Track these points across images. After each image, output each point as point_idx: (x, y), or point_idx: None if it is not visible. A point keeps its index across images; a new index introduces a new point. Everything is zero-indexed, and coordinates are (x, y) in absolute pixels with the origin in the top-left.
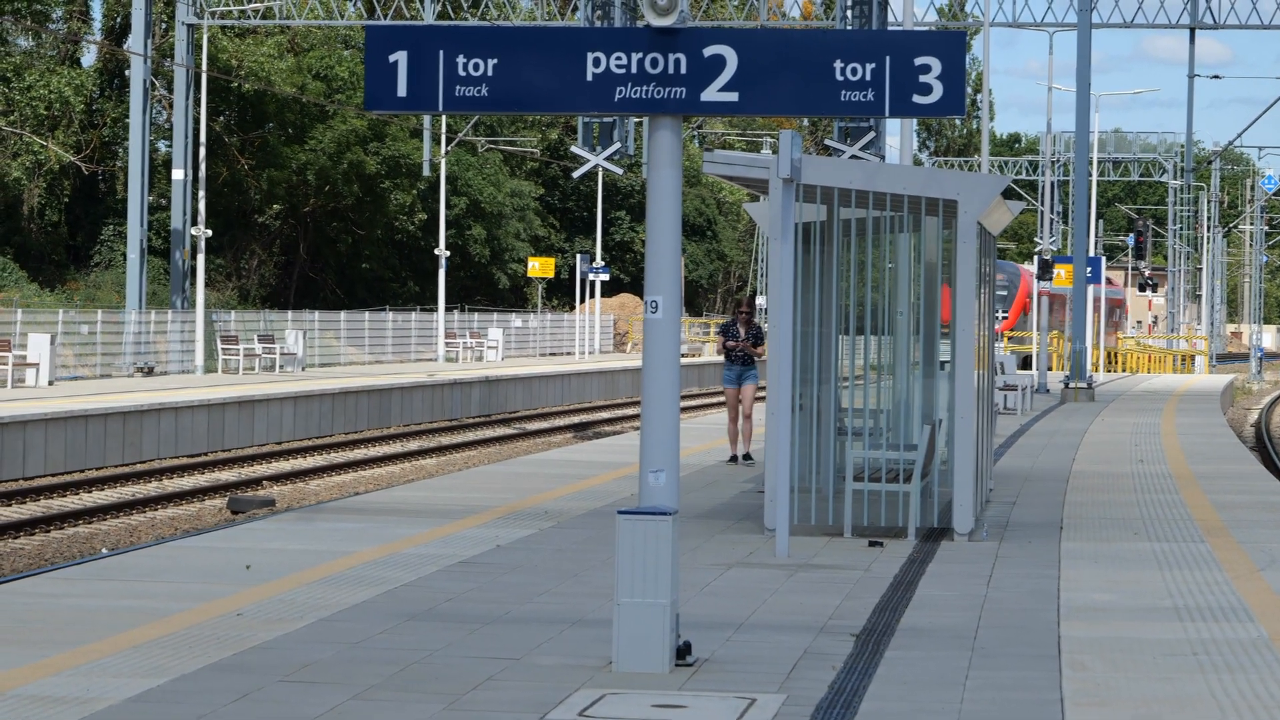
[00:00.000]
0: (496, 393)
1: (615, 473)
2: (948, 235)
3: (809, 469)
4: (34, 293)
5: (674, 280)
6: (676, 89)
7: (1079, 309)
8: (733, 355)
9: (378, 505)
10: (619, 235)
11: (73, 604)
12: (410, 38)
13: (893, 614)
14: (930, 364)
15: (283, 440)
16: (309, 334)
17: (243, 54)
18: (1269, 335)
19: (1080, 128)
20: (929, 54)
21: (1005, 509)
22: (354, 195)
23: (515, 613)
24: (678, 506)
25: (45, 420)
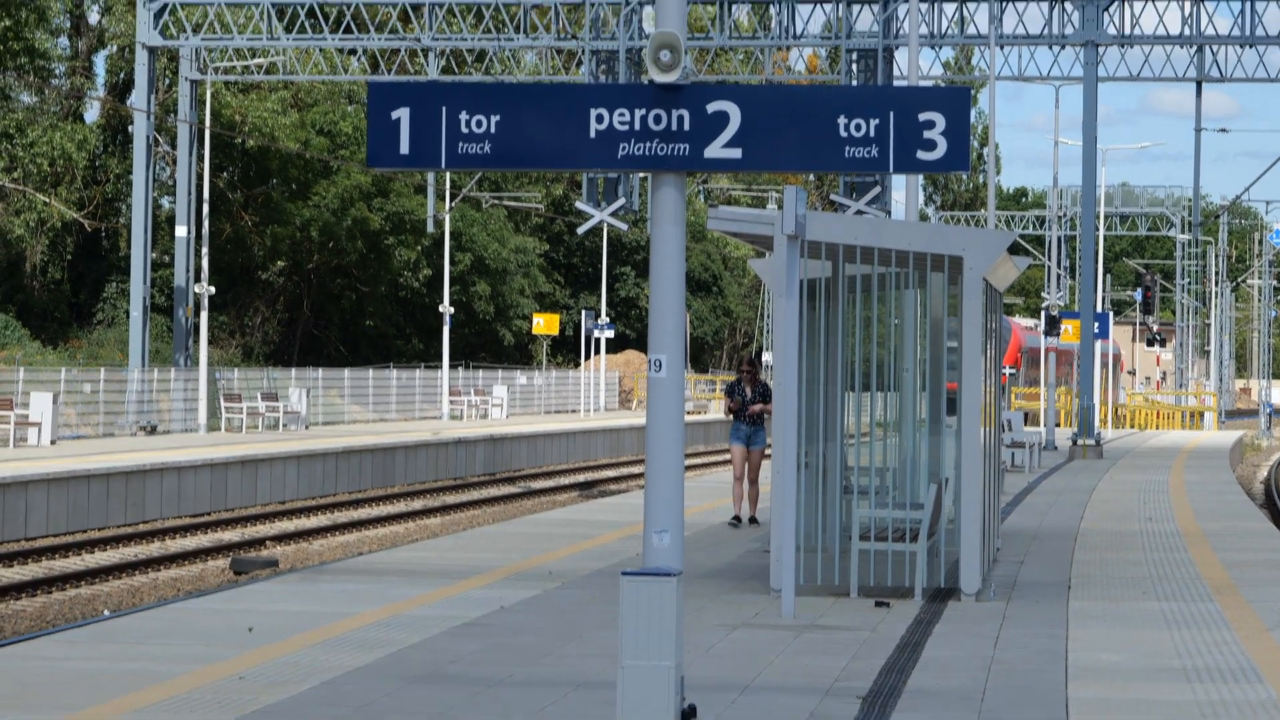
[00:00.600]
0: (501, 451)
1: (620, 532)
2: (954, 291)
3: (815, 528)
4: (36, 350)
5: (678, 338)
6: (680, 145)
7: (1086, 365)
8: (740, 415)
9: (382, 566)
10: (624, 291)
11: (75, 667)
12: (413, 94)
13: (899, 676)
14: (936, 421)
15: (286, 500)
16: (313, 392)
17: (246, 110)
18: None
19: (1087, 182)
20: (933, 110)
21: (1013, 568)
22: (358, 251)
23: (520, 675)
24: (682, 567)
25: (47, 480)
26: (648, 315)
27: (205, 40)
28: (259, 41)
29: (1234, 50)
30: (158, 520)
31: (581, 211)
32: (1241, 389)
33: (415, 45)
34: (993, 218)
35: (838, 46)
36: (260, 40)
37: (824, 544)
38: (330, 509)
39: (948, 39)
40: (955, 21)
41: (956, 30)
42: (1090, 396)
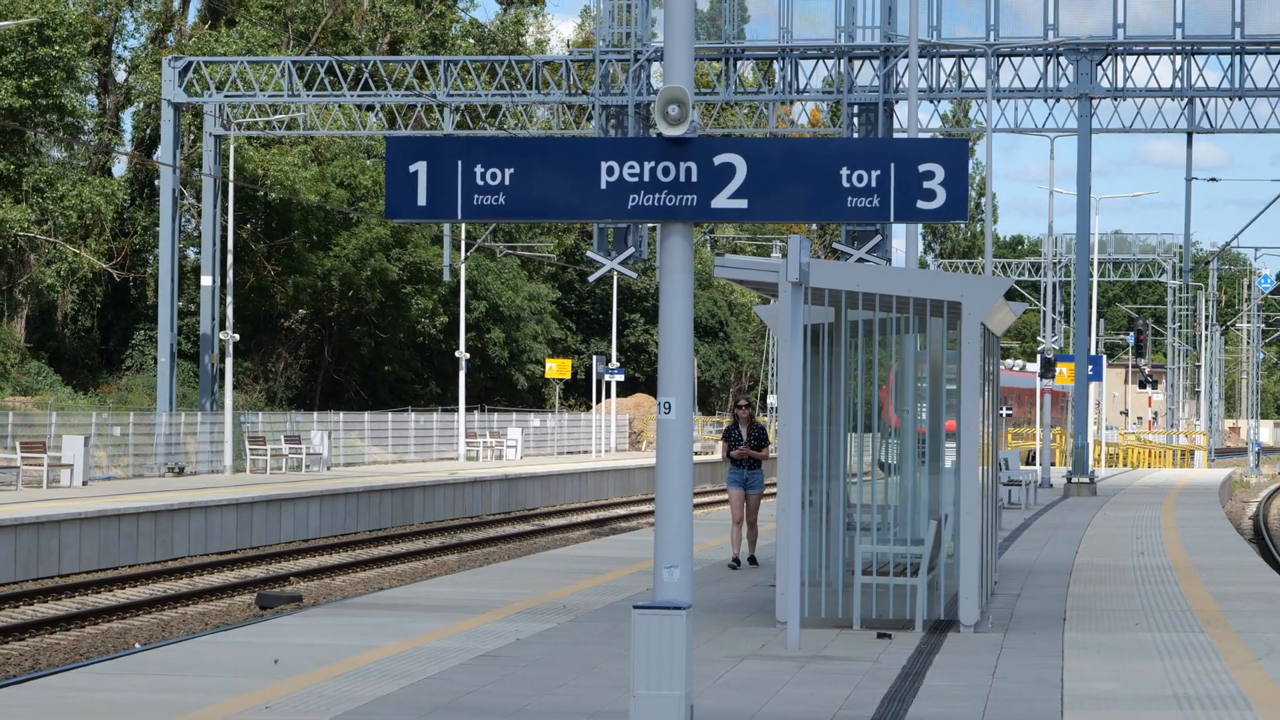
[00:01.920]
0: (516, 490)
1: (631, 568)
2: (952, 336)
3: (819, 563)
4: (68, 396)
5: (686, 381)
6: (688, 196)
7: (1080, 406)
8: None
9: (401, 600)
10: (633, 337)
11: (106, 698)
12: (430, 148)
13: (901, 704)
14: (936, 460)
15: (309, 538)
16: (334, 434)
17: (268, 163)
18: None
19: (1081, 230)
20: (933, 161)
21: (1010, 601)
22: (377, 300)
23: (535, 705)
24: (691, 601)
25: (79, 519)
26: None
27: (228, 97)
28: (280, 98)
29: (1223, 102)
30: (186, 557)
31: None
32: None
33: (431, 101)
34: (990, 265)
35: (839, 101)
36: (281, 97)
37: (827, 578)
38: (351, 546)
39: (946, 93)
40: (953, 76)
41: (954, 84)
42: (1084, 436)
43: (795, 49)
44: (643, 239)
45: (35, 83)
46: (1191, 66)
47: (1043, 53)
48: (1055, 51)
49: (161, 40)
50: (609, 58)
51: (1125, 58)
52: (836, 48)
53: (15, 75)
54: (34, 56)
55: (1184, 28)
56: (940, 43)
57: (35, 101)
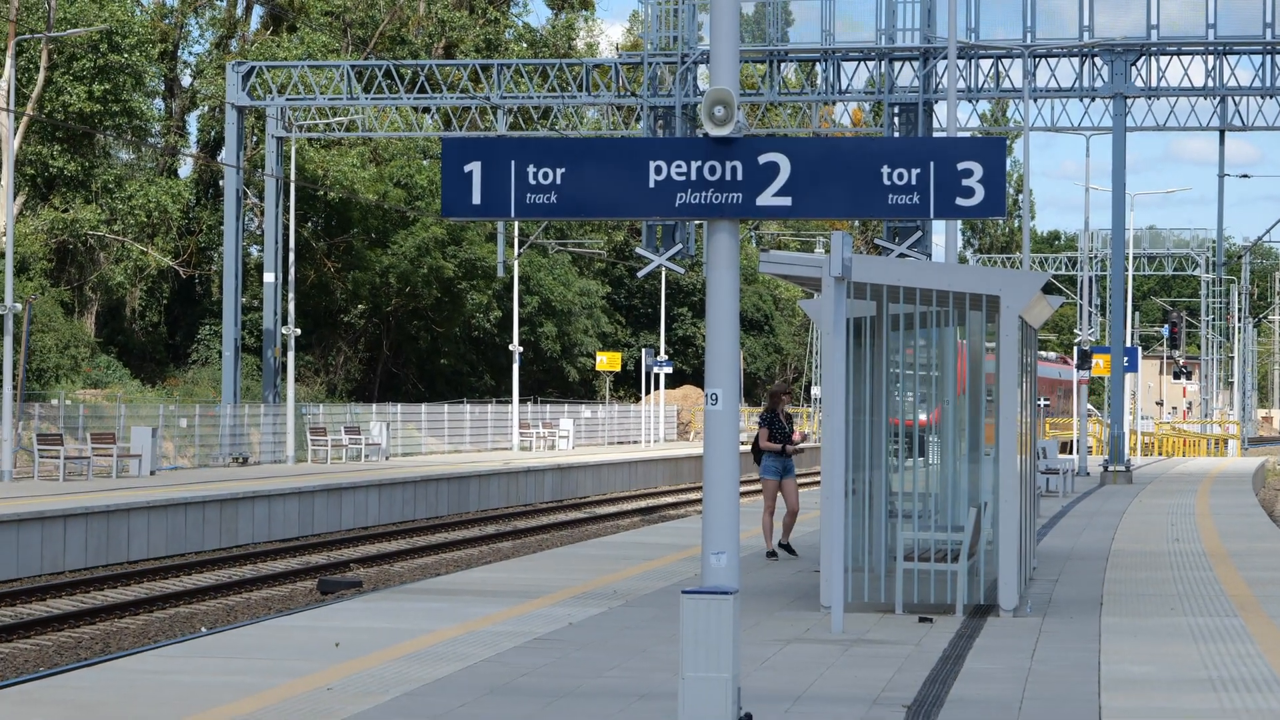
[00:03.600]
0: (568, 479)
1: (680, 554)
2: (991, 329)
3: (862, 549)
4: (136, 389)
5: (733, 373)
6: (734, 194)
7: (1116, 397)
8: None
9: (458, 586)
10: (681, 330)
11: (174, 680)
12: (484, 149)
13: (942, 686)
14: (976, 449)
15: (368, 525)
16: (392, 425)
17: (328, 164)
18: None
19: (1116, 225)
20: (971, 159)
21: (1048, 586)
22: (433, 296)
23: (587, 687)
24: (738, 586)
25: (148, 508)
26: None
27: (289, 100)
28: (339, 101)
29: (1255, 100)
30: (250, 544)
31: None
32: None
33: (485, 103)
34: (1027, 259)
35: (880, 101)
36: (341, 100)
37: (870, 564)
38: (409, 533)
39: (984, 93)
40: (991, 76)
41: (992, 84)
42: (1120, 425)
43: (837, 51)
44: (690, 235)
45: (105, 89)
46: (1223, 66)
47: (1078, 53)
48: (1090, 52)
49: (225, 46)
50: (656, 60)
51: (1159, 58)
52: (877, 49)
53: (86, 81)
54: (104, 63)
55: (1216, 28)
56: (978, 44)
57: (105, 106)
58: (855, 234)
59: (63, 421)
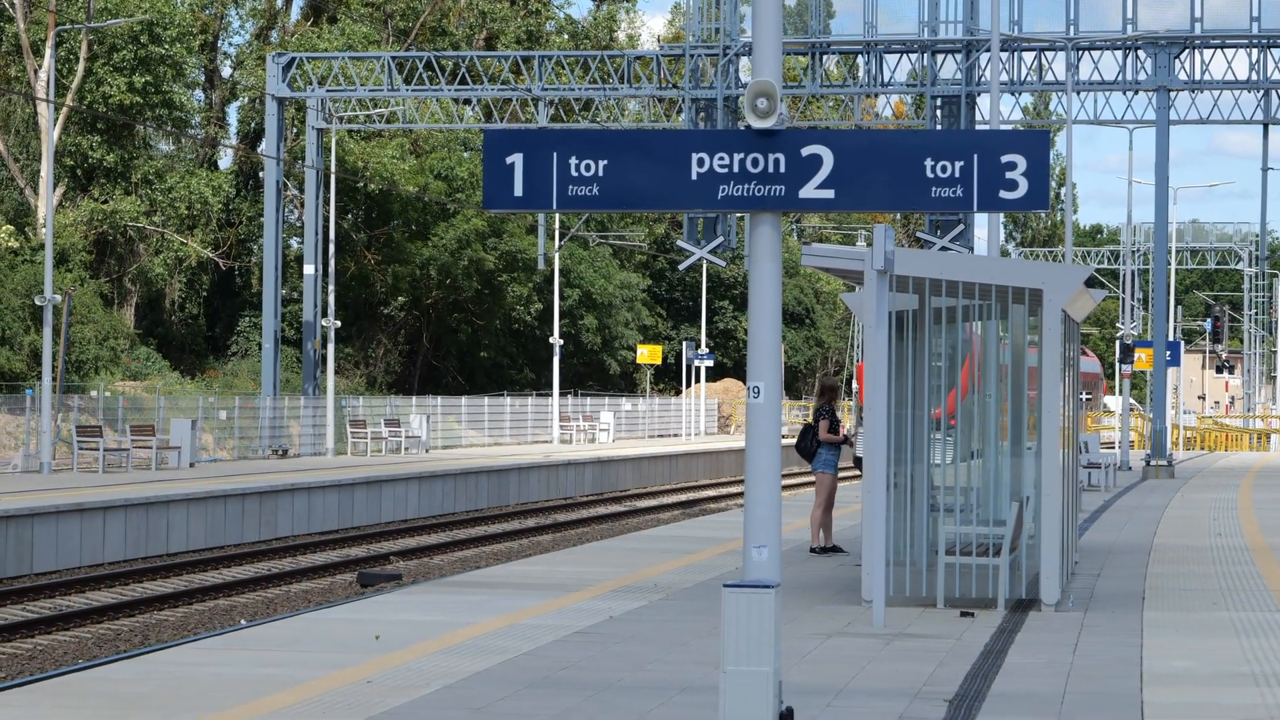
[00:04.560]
0: (608, 472)
1: (720, 548)
2: (1034, 322)
3: (903, 543)
4: (175, 381)
5: (775, 366)
6: (776, 187)
7: (1159, 391)
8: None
9: (498, 579)
10: (722, 324)
11: (213, 672)
12: (526, 141)
13: (984, 681)
14: (1018, 443)
15: (408, 518)
16: (432, 418)
17: (368, 156)
18: None
19: (1159, 219)
20: (1015, 152)
21: (1090, 580)
22: (474, 288)
23: (628, 680)
24: (780, 580)
25: (187, 500)
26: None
27: (330, 91)
28: (380, 92)
29: None
30: (289, 537)
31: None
32: None
33: (526, 95)
34: (1070, 253)
35: (922, 93)
36: (381, 91)
37: (912, 558)
38: (449, 526)
39: (1027, 85)
40: (1034, 69)
41: (1035, 77)
42: (1162, 420)
43: (880, 43)
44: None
45: (146, 81)
46: (1267, 59)
47: (1121, 46)
48: (1134, 45)
49: (265, 37)
50: (698, 52)
51: (1202, 51)
52: (920, 42)
53: (127, 72)
54: (144, 54)
55: (1260, 21)
56: (1021, 36)
57: (146, 98)
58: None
59: (102, 413)
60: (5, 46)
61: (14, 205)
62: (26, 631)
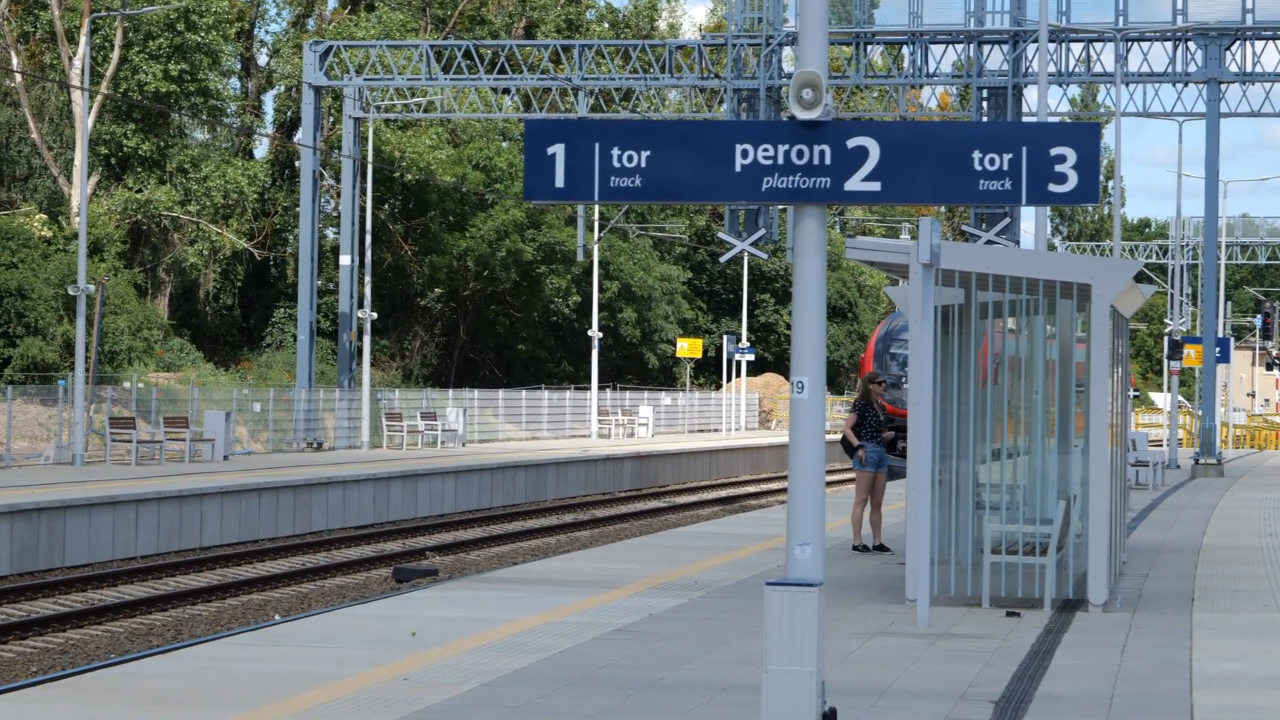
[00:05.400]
0: (647, 468)
1: (761, 545)
2: (1081, 318)
3: (948, 542)
4: (209, 372)
5: (819, 361)
6: (821, 179)
7: (1208, 388)
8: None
9: (536, 575)
10: (763, 317)
11: (246, 668)
12: (568, 131)
13: (1030, 682)
14: (1065, 440)
15: (444, 513)
16: (469, 411)
17: (405, 145)
18: None
19: (1209, 213)
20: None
21: (1138, 581)
22: (512, 280)
23: (668, 679)
24: (823, 578)
25: (220, 493)
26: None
27: (367, 80)
28: (418, 81)
29: None
30: (324, 531)
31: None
32: None
33: (566, 85)
34: (1118, 247)
35: (968, 85)
36: (419, 80)
37: (957, 557)
38: (486, 521)
39: (1075, 77)
40: (1082, 60)
41: (1083, 69)
42: (1212, 417)
43: (925, 33)
44: (773, 220)
45: (182, 69)
46: None
47: (1171, 37)
48: (1184, 36)
49: (302, 25)
50: (741, 42)
51: (1253, 42)
52: (966, 32)
53: (162, 60)
54: (180, 42)
55: None
56: (1069, 27)
57: (181, 86)
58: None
59: (135, 405)
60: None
61: (48, 194)
62: (58, 626)
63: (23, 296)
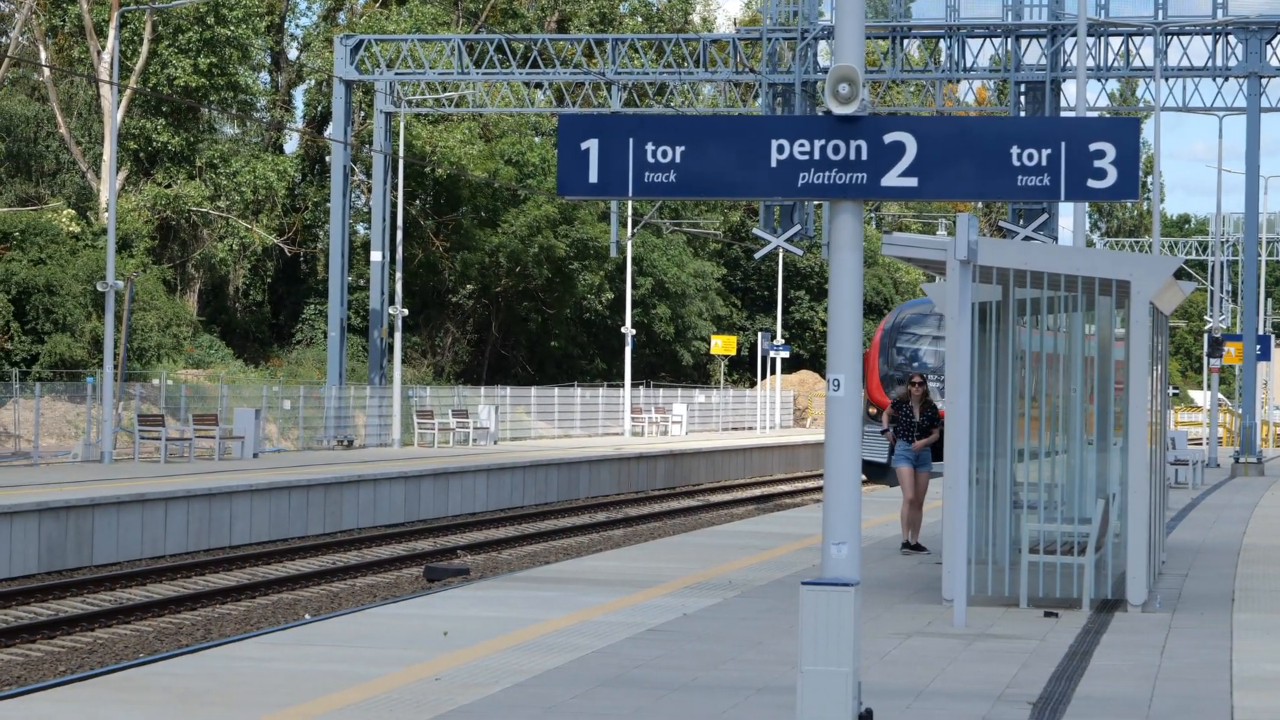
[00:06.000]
0: (681, 466)
1: (796, 544)
2: (1120, 315)
3: (985, 541)
4: (239, 369)
5: (855, 358)
6: (858, 175)
7: (1249, 386)
8: (908, 435)
9: (568, 574)
10: (798, 314)
11: (277, 668)
12: (602, 126)
13: (1068, 683)
14: (1104, 439)
15: (476, 511)
16: (501, 409)
17: (436, 140)
18: None
19: (1250, 209)
20: (1104, 140)
21: (1178, 581)
22: (544, 276)
23: (702, 679)
24: (859, 578)
25: (250, 491)
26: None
27: (398, 74)
28: (449, 75)
29: None
30: (354, 530)
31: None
32: None
33: (599, 79)
34: (1158, 243)
35: (1006, 79)
36: (450, 74)
37: (994, 557)
38: (518, 520)
39: (1113, 71)
40: (1121, 54)
41: (1122, 63)
42: (1252, 416)
43: (962, 27)
44: (809, 216)
45: (211, 62)
46: None
47: (1211, 31)
48: (1224, 30)
49: (333, 18)
50: (776, 36)
51: None
52: (1004, 26)
53: (191, 54)
54: (209, 36)
55: None
56: (1108, 21)
57: (211, 80)
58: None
59: (164, 402)
60: (68, 27)
61: (76, 189)
62: (86, 625)
63: (51, 293)
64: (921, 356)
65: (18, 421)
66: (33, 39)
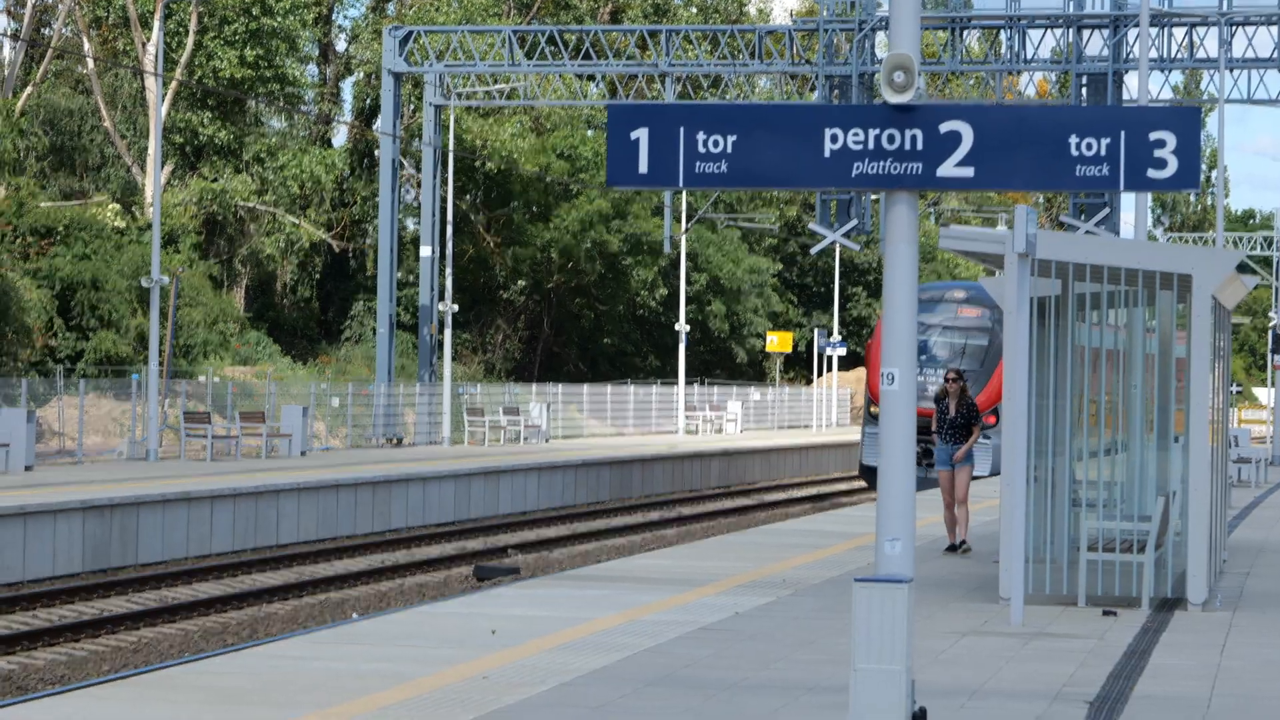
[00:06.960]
0: (735, 464)
1: (851, 542)
2: (1182, 310)
3: (1043, 539)
4: (287, 366)
5: (910, 353)
6: (913, 164)
7: None
8: (944, 434)
9: (619, 573)
10: (855, 311)
11: (323, 666)
12: (652, 115)
13: (1126, 682)
14: (1164, 436)
15: (527, 510)
16: (552, 407)
17: (487, 134)
18: None
19: None
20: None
21: (1239, 580)
22: (597, 272)
23: (753, 679)
24: (914, 575)
25: (298, 490)
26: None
27: (448, 66)
28: (500, 68)
29: None
30: (404, 529)
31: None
32: None
33: (652, 71)
34: (1221, 238)
35: (1067, 71)
36: (502, 66)
37: (1052, 555)
38: (569, 519)
39: (1177, 63)
40: (1184, 45)
41: (1186, 54)
42: None
43: (1023, 18)
44: (866, 210)
45: (258, 55)
46: None
47: (1277, 21)
48: None
49: (381, 10)
50: (833, 27)
51: None
52: (1065, 17)
53: (238, 46)
54: (256, 27)
55: None
56: (1172, 11)
57: (258, 72)
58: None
59: (210, 400)
60: (113, 18)
61: (121, 184)
62: (131, 624)
63: (96, 289)
64: (931, 348)
65: (62, 419)
66: (76, 31)
